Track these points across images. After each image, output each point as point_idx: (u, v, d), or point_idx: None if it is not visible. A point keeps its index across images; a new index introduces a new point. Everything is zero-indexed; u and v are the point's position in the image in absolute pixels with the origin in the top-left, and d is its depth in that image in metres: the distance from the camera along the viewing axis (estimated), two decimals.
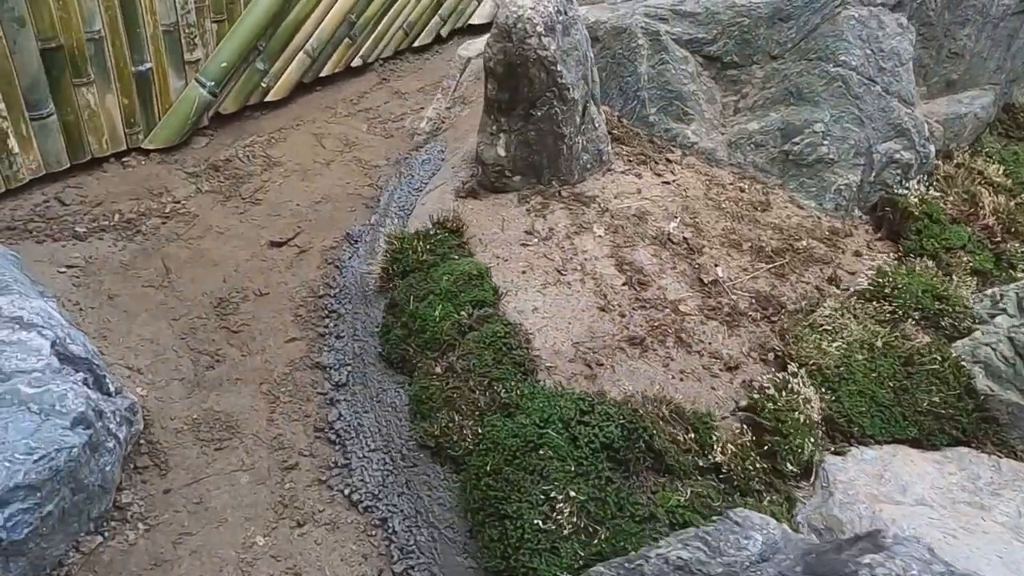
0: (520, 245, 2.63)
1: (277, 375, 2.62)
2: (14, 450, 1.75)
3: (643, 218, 2.73)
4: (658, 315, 2.43)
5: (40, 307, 2.08)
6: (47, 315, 2.07)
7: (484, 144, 2.76)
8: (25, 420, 1.80)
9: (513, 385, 2.12)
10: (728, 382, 2.32)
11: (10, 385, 1.84)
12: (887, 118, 2.73)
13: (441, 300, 2.38)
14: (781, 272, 2.62)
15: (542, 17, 2.31)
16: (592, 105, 2.82)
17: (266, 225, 3.18)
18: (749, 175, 2.95)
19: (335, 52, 4.00)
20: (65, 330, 2.09)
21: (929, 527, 1.89)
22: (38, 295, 2.22)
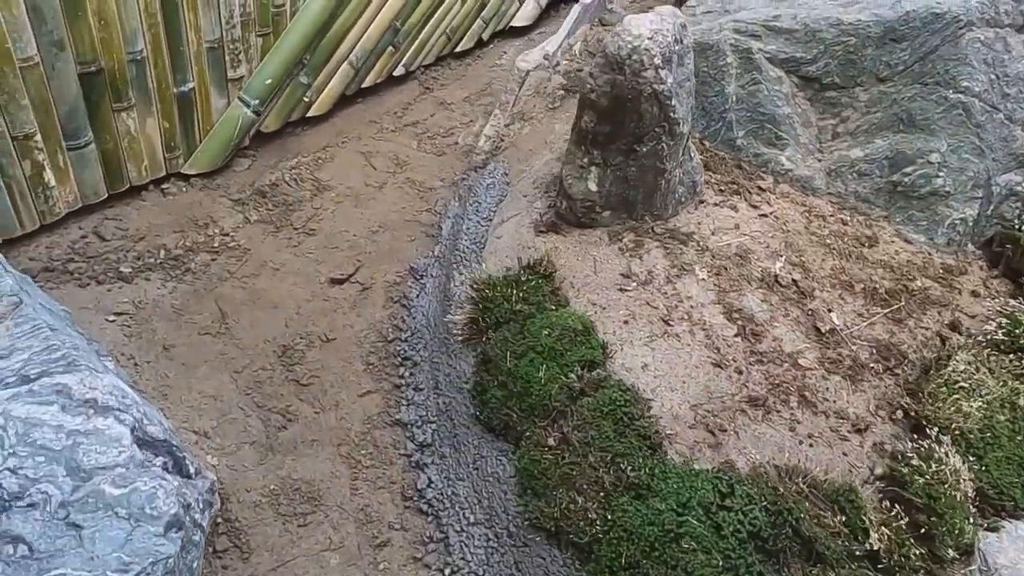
0: (618, 290, 2.42)
1: (355, 434, 2.40)
2: (106, 567, 1.53)
3: (745, 257, 2.53)
4: (777, 370, 2.24)
5: (112, 384, 1.84)
6: (120, 393, 1.84)
7: (572, 177, 2.53)
8: (114, 528, 1.58)
9: (640, 462, 1.92)
10: (858, 445, 2.14)
11: (93, 486, 1.62)
12: (1008, 148, 2.54)
13: (544, 359, 2.17)
14: (898, 317, 2.43)
15: (660, 48, 2.08)
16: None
17: (323, 259, 2.94)
18: (850, 206, 2.75)
19: (378, 61, 3.73)
20: (141, 409, 1.86)
21: None
22: (101, 363, 1.99)
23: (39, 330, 1.91)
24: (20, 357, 1.84)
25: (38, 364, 1.83)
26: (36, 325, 1.91)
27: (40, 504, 1.60)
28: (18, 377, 1.79)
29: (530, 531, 2.02)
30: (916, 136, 2.60)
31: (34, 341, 1.88)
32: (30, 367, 1.82)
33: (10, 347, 1.86)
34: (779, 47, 2.76)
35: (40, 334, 1.90)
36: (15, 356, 1.84)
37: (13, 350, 1.85)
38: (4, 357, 1.84)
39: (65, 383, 1.78)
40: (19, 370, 1.81)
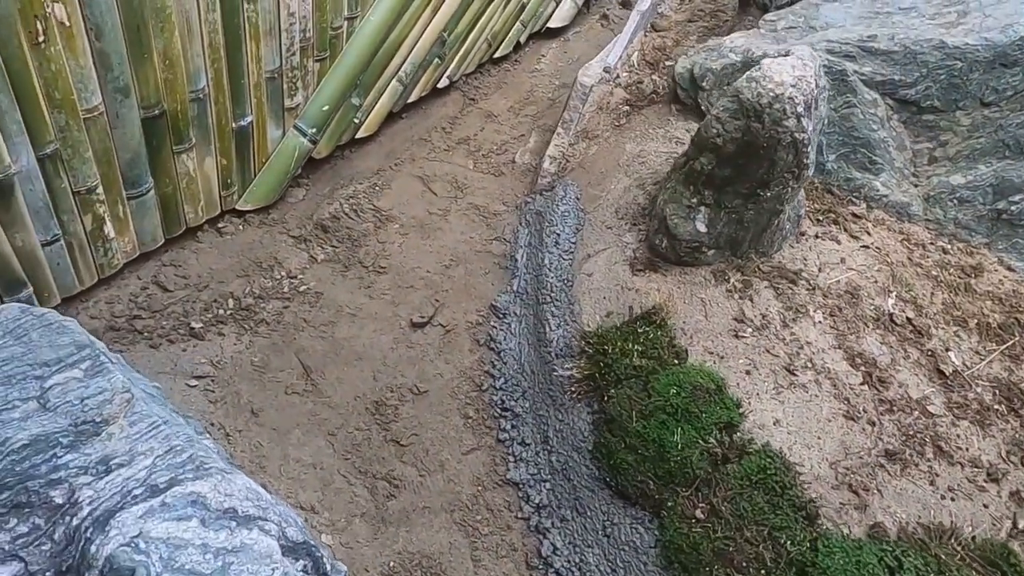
0: (733, 337, 2.33)
1: (465, 498, 2.29)
2: None
3: (856, 295, 2.45)
4: (907, 419, 2.19)
5: (246, 487, 1.69)
6: (256, 496, 1.69)
7: (678, 217, 2.41)
8: None
9: (800, 535, 1.86)
10: (996, 495, 2.10)
11: None
12: None
13: (678, 421, 2.07)
14: (1014, 352, 2.39)
15: (804, 95, 1.96)
16: None
17: (399, 300, 2.79)
18: (948, 232, 2.68)
19: (424, 74, 3.53)
20: (277, 510, 1.72)
21: None
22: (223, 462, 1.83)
23: (156, 428, 1.74)
24: (143, 463, 1.67)
25: (164, 470, 1.67)
26: (152, 423, 1.74)
27: None
28: (146, 488, 1.62)
29: None
30: (1023, 163, 2.54)
31: (155, 442, 1.71)
32: (157, 474, 1.66)
33: (129, 451, 1.69)
34: (875, 68, 2.65)
35: (159, 433, 1.73)
36: (137, 463, 1.67)
37: (134, 455, 1.69)
38: (126, 464, 1.67)
39: (199, 491, 1.63)
40: (145, 479, 1.65)
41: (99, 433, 1.77)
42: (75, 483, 1.65)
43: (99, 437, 1.75)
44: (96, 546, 1.52)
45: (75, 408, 1.75)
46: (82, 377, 1.79)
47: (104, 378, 1.79)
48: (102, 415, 1.77)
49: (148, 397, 1.90)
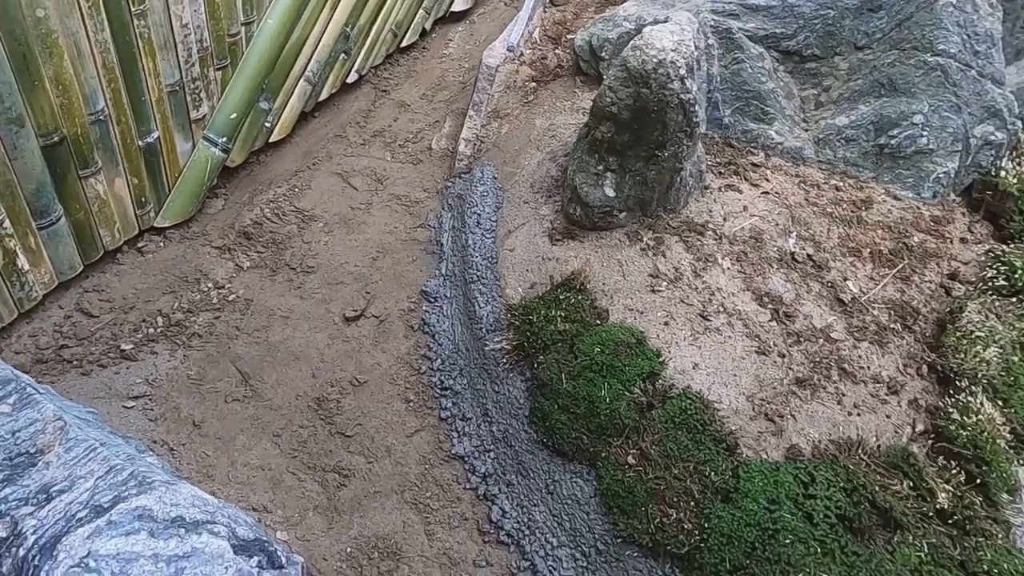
0: (650, 292, 2.46)
1: (414, 478, 2.38)
2: None
3: (760, 239, 2.62)
4: (813, 348, 2.36)
5: (191, 494, 1.74)
6: (202, 502, 1.75)
7: (587, 185, 2.52)
8: None
9: (722, 466, 2.01)
10: (897, 406, 2.30)
11: None
12: (981, 101, 2.70)
13: (604, 377, 2.20)
14: (904, 275, 2.60)
15: (685, 59, 2.07)
16: None
17: (330, 297, 2.83)
18: (840, 171, 2.87)
19: (331, 71, 3.54)
20: (226, 513, 1.77)
21: None
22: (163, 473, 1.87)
23: (94, 451, 1.77)
24: (84, 486, 1.70)
25: (107, 489, 1.70)
26: (89, 446, 1.77)
27: None
28: (90, 510, 1.66)
29: (622, 547, 2.09)
30: (898, 100, 2.73)
31: (93, 465, 1.74)
32: (99, 495, 1.69)
33: (69, 477, 1.72)
34: (758, 24, 2.80)
35: (97, 455, 1.76)
36: (78, 487, 1.70)
37: (74, 480, 1.71)
38: (66, 491, 1.70)
39: (144, 505, 1.67)
40: (88, 501, 1.68)
41: (35, 463, 1.79)
42: (17, 515, 1.67)
43: (36, 467, 1.77)
44: (45, 572, 1.56)
45: (7, 442, 1.76)
46: (10, 411, 1.80)
47: (33, 409, 1.80)
48: (36, 445, 1.79)
49: (83, 422, 1.92)
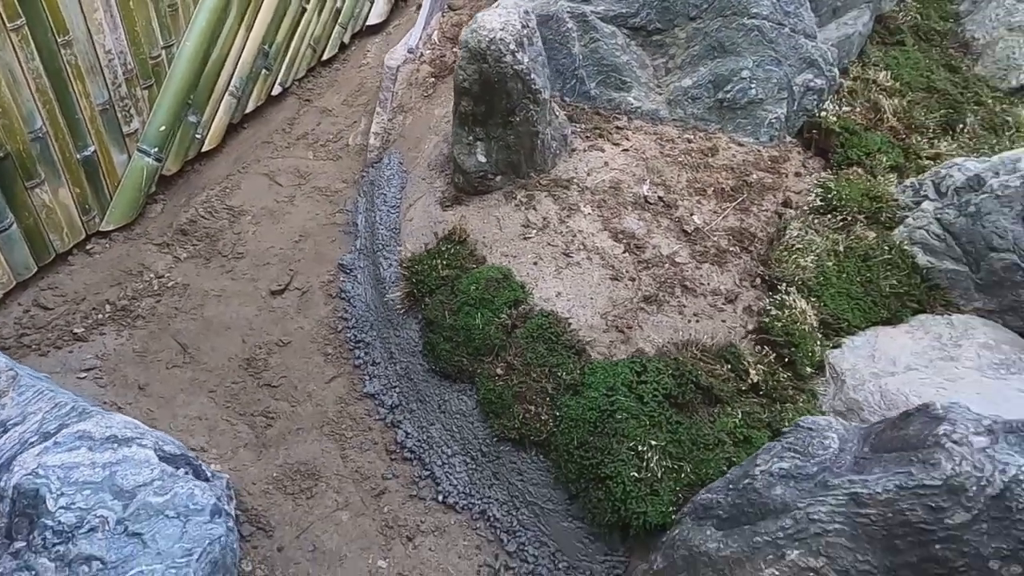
0: (523, 239, 2.87)
1: (332, 415, 2.77)
2: (172, 556, 1.86)
3: (618, 188, 3.03)
4: (660, 271, 2.77)
5: (123, 420, 2.13)
6: (133, 426, 2.14)
7: (463, 154, 2.94)
8: (169, 527, 1.91)
9: (572, 367, 2.41)
10: (732, 312, 2.71)
11: (140, 500, 1.94)
12: (798, 54, 3.13)
13: (478, 309, 2.60)
14: (744, 207, 3.01)
15: (512, 36, 2.50)
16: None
17: (258, 276, 3.24)
18: (691, 126, 3.29)
19: (255, 86, 3.96)
20: (154, 435, 2.16)
21: (923, 387, 2.37)
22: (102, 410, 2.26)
23: (41, 393, 2.16)
24: (34, 419, 2.10)
25: (53, 420, 2.10)
26: (37, 390, 2.16)
27: (99, 526, 1.90)
28: (40, 436, 2.05)
29: (499, 445, 2.48)
30: (728, 59, 3.16)
31: (41, 403, 2.14)
32: (47, 424, 2.08)
33: (21, 414, 2.11)
34: (607, 7, 3.24)
35: (44, 396, 2.15)
36: (29, 420, 2.10)
37: (26, 415, 2.11)
38: (20, 423, 2.09)
39: (84, 429, 2.06)
40: (38, 430, 2.07)
41: None
42: None
43: None
44: (3, 482, 1.95)
45: None
46: None
47: None
48: None
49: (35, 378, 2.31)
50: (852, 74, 3.39)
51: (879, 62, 3.44)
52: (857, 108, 3.22)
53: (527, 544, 2.39)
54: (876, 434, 1.79)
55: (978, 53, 3.52)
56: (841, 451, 1.84)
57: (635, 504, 2.16)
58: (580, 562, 2.33)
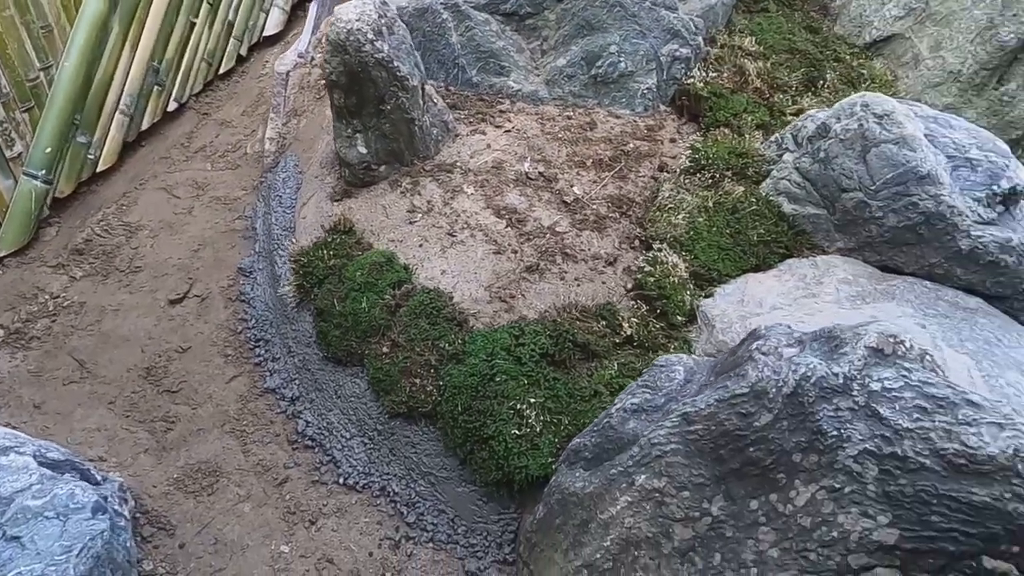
0: (408, 224, 2.95)
1: (233, 413, 2.80)
2: (52, 554, 1.88)
3: (500, 167, 3.13)
4: (542, 242, 2.87)
5: (2, 431, 2.14)
6: (12, 436, 2.15)
7: (344, 147, 3.01)
8: (48, 527, 1.93)
9: (454, 338, 2.49)
10: (613, 274, 2.82)
11: (17, 505, 1.95)
12: (661, 26, 3.28)
13: (363, 293, 2.66)
14: (622, 175, 3.14)
15: (369, 25, 2.58)
16: (427, 85, 3.13)
17: (157, 287, 3.25)
18: (571, 104, 3.42)
19: (148, 103, 3.97)
20: (35, 443, 2.17)
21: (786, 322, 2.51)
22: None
23: None
24: None
25: None
26: None
27: None
28: None
29: (391, 422, 2.54)
30: (596, 36, 3.29)
31: None
32: None
33: None
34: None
35: None
36: None
37: None
38: None
39: None
40: None
41: None
42: None
43: None
44: None
45: None
46: None
47: None
48: None
49: None
50: (719, 42, 3.56)
51: (744, 29, 3.62)
52: (724, 73, 3.38)
53: (426, 513, 2.45)
54: (720, 362, 1.91)
55: (836, 14, 3.73)
56: (687, 382, 1.95)
57: (517, 460, 2.25)
58: (476, 524, 2.40)
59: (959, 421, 1.31)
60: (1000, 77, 3.15)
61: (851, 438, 1.43)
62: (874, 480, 1.40)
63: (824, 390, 1.48)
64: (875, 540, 1.39)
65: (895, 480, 1.37)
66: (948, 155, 2.62)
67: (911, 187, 2.54)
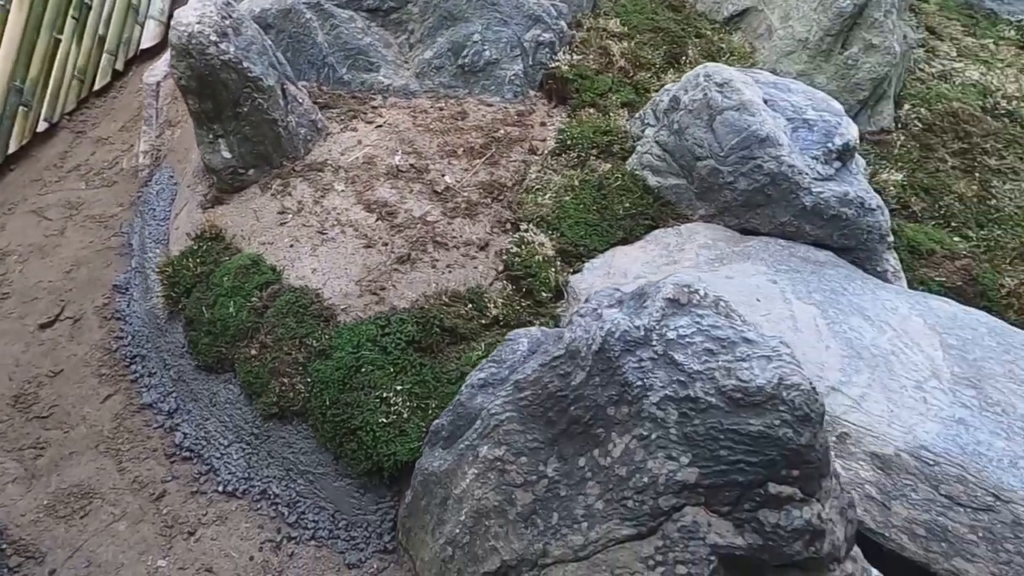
0: (279, 226, 2.92)
1: (107, 432, 2.72)
2: None
3: (371, 162, 3.13)
4: (413, 232, 2.89)
5: None
6: None
7: (208, 154, 2.96)
8: None
9: (320, 334, 2.48)
10: (485, 258, 2.85)
11: None
12: (522, 12, 3.34)
13: (231, 298, 2.63)
14: (493, 161, 3.18)
15: (211, 27, 2.55)
16: (289, 85, 3.11)
17: (26, 312, 3.13)
18: (442, 95, 3.44)
19: (15, 124, 3.82)
20: None
21: None
22: None
23: None
24: None
25: None
26: None
27: None
28: None
29: (266, 424, 2.52)
30: (460, 26, 3.33)
31: None
32: None
33: None
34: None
35: None
36: None
37: None
38: None
39: None
40: None
41: None
42: None
43: None
44: None
45: None
46: None
47: None
48: None
49: None
50: (586, 25, 3.64)
51: (610, 11, 3.71)
52: (590, 55, 3.46)
53: (306, 512, 2.44)
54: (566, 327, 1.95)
55: None
56: (532, 352, 2.00)
57: (385, 447, 2.26)
58: (356, 516, 2.40)
59: (736, 358, 1.38)
60: (844, 42, 3.31)
61: (653, 386, 1.49)
62: (675, 423, 1.46)
63: (628, 343, 1.53)
64: (679, 480, 1.45)
65: (691, 421, 1.44)
66: (788, 117, 2.74)
67: (755, 150, 2.65)
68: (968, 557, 1.97)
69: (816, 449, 1.33)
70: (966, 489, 2.03)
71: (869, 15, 3.26)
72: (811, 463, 1.34)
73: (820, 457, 1.35)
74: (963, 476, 2.03)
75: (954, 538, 1.99)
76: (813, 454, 1.33)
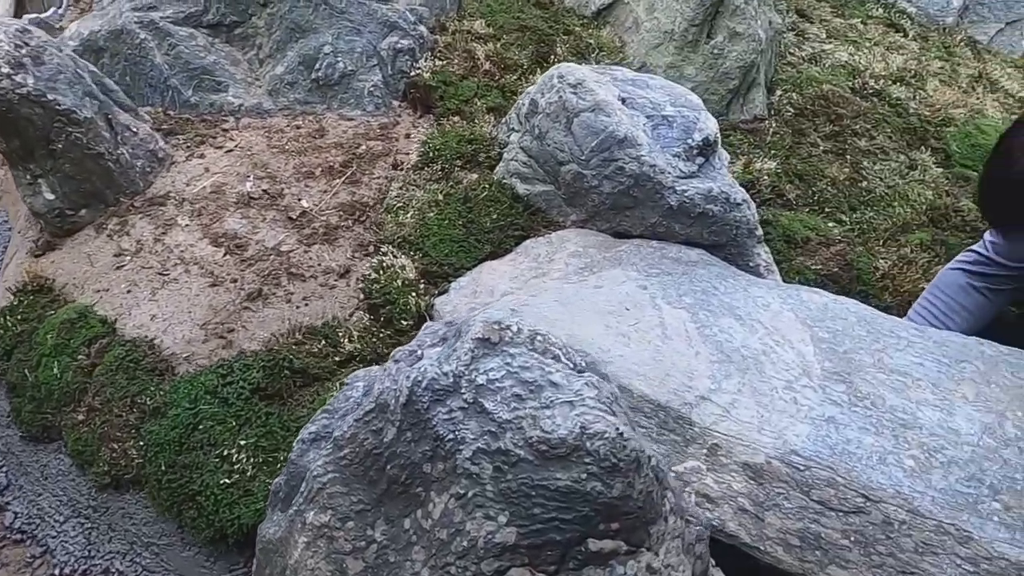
0: (115, 270, 2.65)
1: None
2: None
3: (220, 191, 2.89)
4: (265, 265, 2.67)
5: None
6: None
7: (29, 196, 2.67)
8: None
9: (154, 390, 2.24)
10: (346, 286, 2.66)
11: None
12: (375, 19, 3.15)
13: (55, 358, 2.36)
14: (355, 179, 2.98)
15: (2, 58, 2.27)
16: (120, 114, 2.84)
17: None
18: (299, 112, 3.22)
19: None
20: None
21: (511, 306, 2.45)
22: None
23: None
24: None
25: None
26: None
27: None
28: None
29: (102, 495, 2.27)
30: (309, 38, 3.11)
31: None
32: None
33: None
34: (175, 10, 3.08)
35: None
36: None
37: None
38: None
39: None
40: None
41: None
42: None
43: None
44: None
45: None
46: None
47: None
48: None
49: None
50: (450, 28, 3.47)
51: (475, 12, 3.56)
52: (454, 60, 3.29)
53: None
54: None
55: None
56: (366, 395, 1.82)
57: (228, 511, 2.05)
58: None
59: (541, 405, 1.24)
60: (709, 31, 3.24)
61: (465, 439, 1.34)
62: (490, 479, 1.32)
63: (436, 392, 1.37)
64: (498, 542, 1.30)
65: (504, 476, 1.29)
66: (647, 115, 2.64)
67: (614, 152, 2.54)
68: (842, 564, 1.90)
69: (633, 499, 1.20)
70: (836, 492, 1.96)
71: (731, 3, 3.20)
72: (630, 514, 1.21)
73: (641, 505, 1.22)
74: (833, 479, 1.96)
75: (828, 545, 1.92)
76: (631, 504, 1.21)
